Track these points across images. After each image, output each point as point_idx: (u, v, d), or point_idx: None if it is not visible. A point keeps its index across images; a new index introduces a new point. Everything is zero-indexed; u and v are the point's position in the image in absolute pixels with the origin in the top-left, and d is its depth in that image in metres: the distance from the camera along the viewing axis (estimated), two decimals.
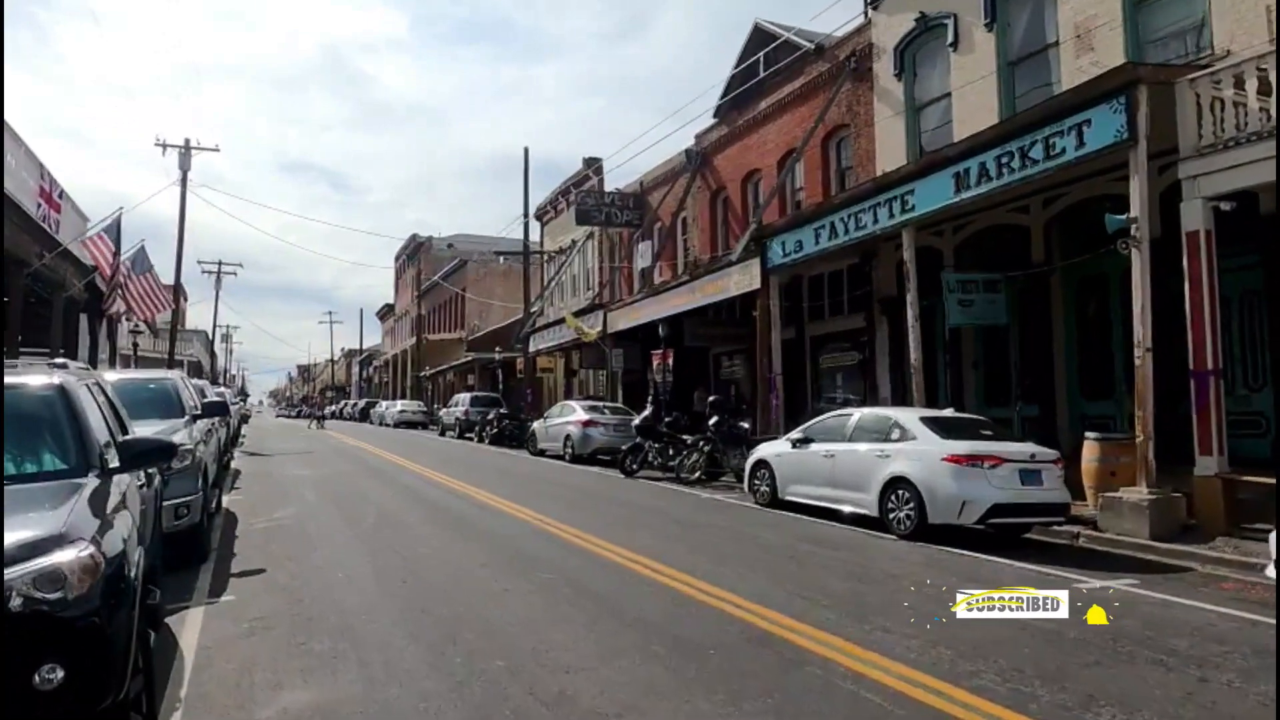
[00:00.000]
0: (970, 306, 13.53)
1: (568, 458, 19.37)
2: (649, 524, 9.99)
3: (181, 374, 9.95)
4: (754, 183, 22.88)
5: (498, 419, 26.65)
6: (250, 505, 11.78)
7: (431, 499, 12.55)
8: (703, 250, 24.74)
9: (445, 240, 63.47)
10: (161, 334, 48.55)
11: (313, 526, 9.86)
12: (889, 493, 9.25)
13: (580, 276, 34.12)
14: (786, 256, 15.71)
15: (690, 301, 19.22)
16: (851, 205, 13.90)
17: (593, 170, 32.72)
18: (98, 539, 3.02)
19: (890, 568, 7.57)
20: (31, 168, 14.48)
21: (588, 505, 11.81)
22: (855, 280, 18.53)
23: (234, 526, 9.93)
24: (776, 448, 11.57)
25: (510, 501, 11.84)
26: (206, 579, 7.18)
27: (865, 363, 18.31)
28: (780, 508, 11.20)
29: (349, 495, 12.98)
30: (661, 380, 20.81)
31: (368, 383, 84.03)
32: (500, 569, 7.35)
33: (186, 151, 33.15)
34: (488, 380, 42.24)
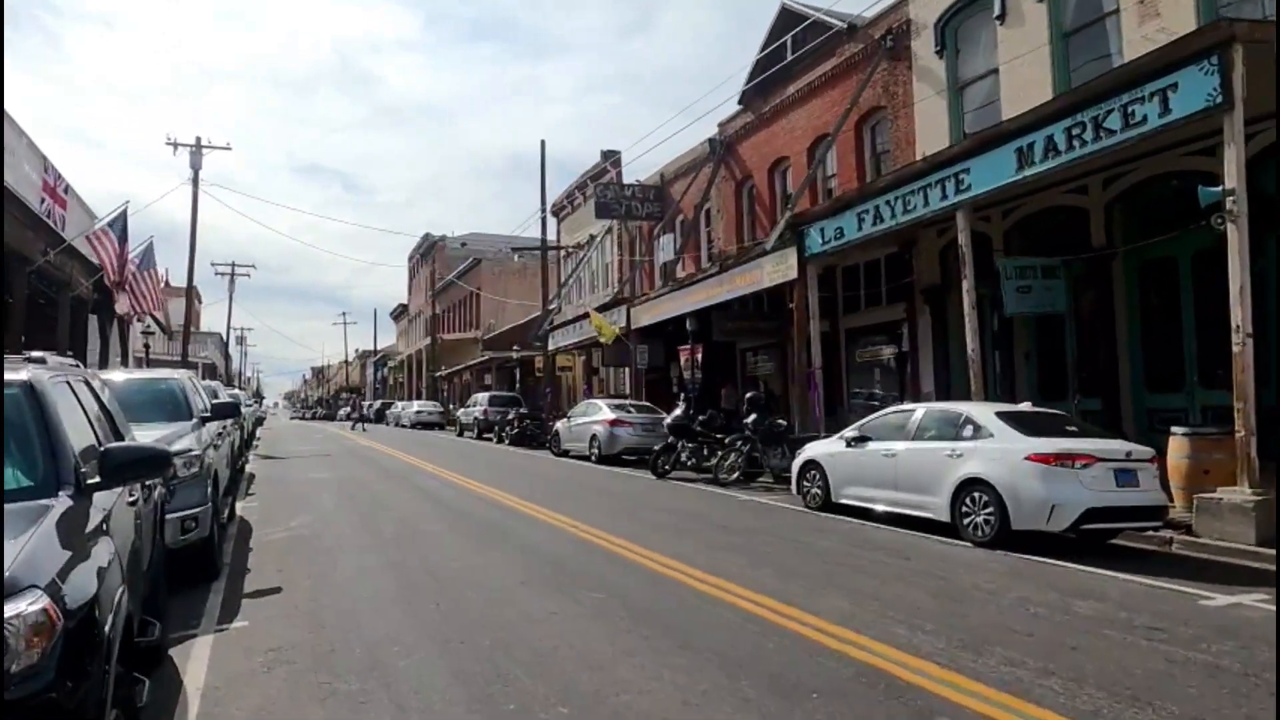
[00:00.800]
0: (1028, 294, 12.65)
1: (594, 458, 18.59)
2: (696, 531, 9.19)
3: (190, 374, 9.22)
4: (782, 171, 22.02)
5: (518, 419, 25.92)
6: (265, 513, 11.08)
7: (455, 504, 11.80)
8: (728, 242, 23.91)
9: (459, 239, 62.91)
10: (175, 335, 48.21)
11: (331, 537, 9.12)
12: (962, 496, 8.41)
13: (599, 272, 33.35)
14: (826, 244, 14.85)
15: (720, 294, 18.39)
16: (899, 187, 13.04)
17: (610, 163, 31.93)
18: (58, 584, 2.25)
19: (977, 580, 6.74)
20: (35, 161, 13.83)
21: (624, 510, 11.03)
22: (893, 270, 17.66)
23: (248, 537, 9.21)
24: (828, 447, 10.74)
25: (540, 506, 11.07)
26: (217, 601, 6.43)
27: (904, 356, 17.44)
28: (833, 511, 10.38)
29: (368, 501, 12.26)
30: (690, 377, 19.99)
31: (382, 383, 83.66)
32: (542, 587, 6.57)
33: (198, 150, 32.70)
34: (504, 379, 41.56)
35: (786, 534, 8.97)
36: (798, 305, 15.67)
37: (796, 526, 9.49)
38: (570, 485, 14.39)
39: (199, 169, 32.79)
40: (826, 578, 6.73)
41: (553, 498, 12.20)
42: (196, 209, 31.95)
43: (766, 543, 8.40)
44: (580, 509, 10.91)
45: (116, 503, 3.55)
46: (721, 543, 8.41)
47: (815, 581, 6.60)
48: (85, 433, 3.74)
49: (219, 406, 8.07)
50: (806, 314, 15.49)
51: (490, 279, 53.38)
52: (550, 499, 11.99)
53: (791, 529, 9.31)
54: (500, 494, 12.58)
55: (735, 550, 7.96)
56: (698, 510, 10.94)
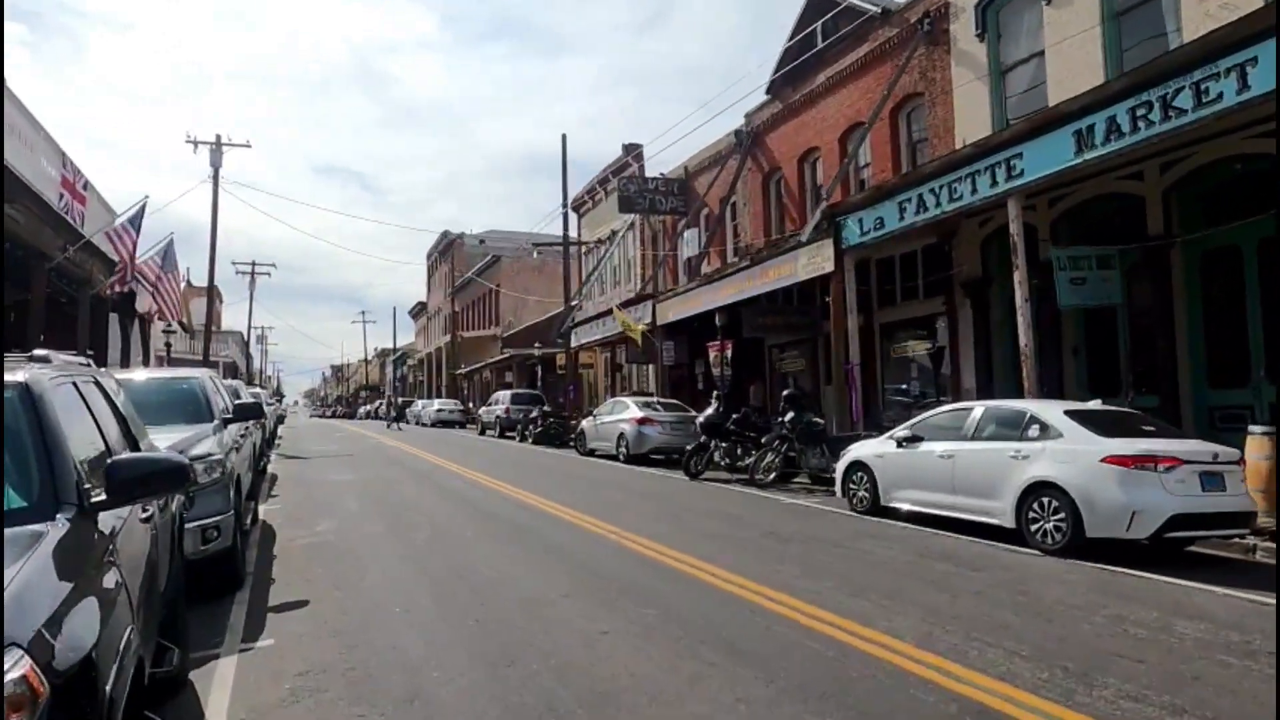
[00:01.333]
0: (1081, 285, 12.03)
1: (622, 458, 18.12)
2: (743, 538, 8.68)
3: (212, 373, 8.82)
4: (812, 162, 21.42)
5: (541, 417, 25.49)
6: (289, 516, 10.70)
7: (485, 506, 11.36)
8: (755, 235, 23.34)
9: (477, 236, 62.64)
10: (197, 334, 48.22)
11: (359, 542, 8.70)
12: (1029, 500, 7.86)
13: (621, 268, 32.87)
14: (865, 235, 14.28)
15: (751, 288, 17.85)
16: (944, 174, 12.45)
17: (632, 156, 31.41)
18: (46, 638, 1.80)
19: (1059, 595, 6.19)
20: (53, 156, 13.52)
21: (662, 513, 10.54)
22: (932, 262, 17.05)
23: (272, 543, 8.82)
24: (876, 447, 10.20)
25: (572, 509, 10.61)
26: (241, 614, 6.02)
27: (942, 351, 16.84)
28: (882, 515, 9.84)
29: (395, 503, 11.85)
30: (720, 374, 19.46)
31: (401, 382, 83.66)
32: (588, 600, 6.09)
33: (218, 148, 32.50)
34: (525, 377, 41.20)
35: (840, 541, 8.44)
36: (834, 299, 15.11)
37: (848, 532, 8.96)
38: (601, 486, 13.92)
39: (219, 166, 32.58)
40: (896, 592, 6.20)
41: (585, 500, 11.74)
42: (217, 206, 31.75)
43: (821, 551, 7.88)
44: (615, 512, 10.43)
45: (127, 521, 3.10)
46: (773, 551, 7.90)
47: (885, 596, 6.08)
48: (92, 441, 3.30)
49: (241, 407, 7.66)
50: (844, 308, 14.93)
51: (509, 276, 53.06)
52: (582, 501, 11.53)
53: (844, 535, 8.78)
54: (529, 496, 12.14)
55: (789, 560, 7.45)
56: (739, 514, 10.44)
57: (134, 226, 14.77)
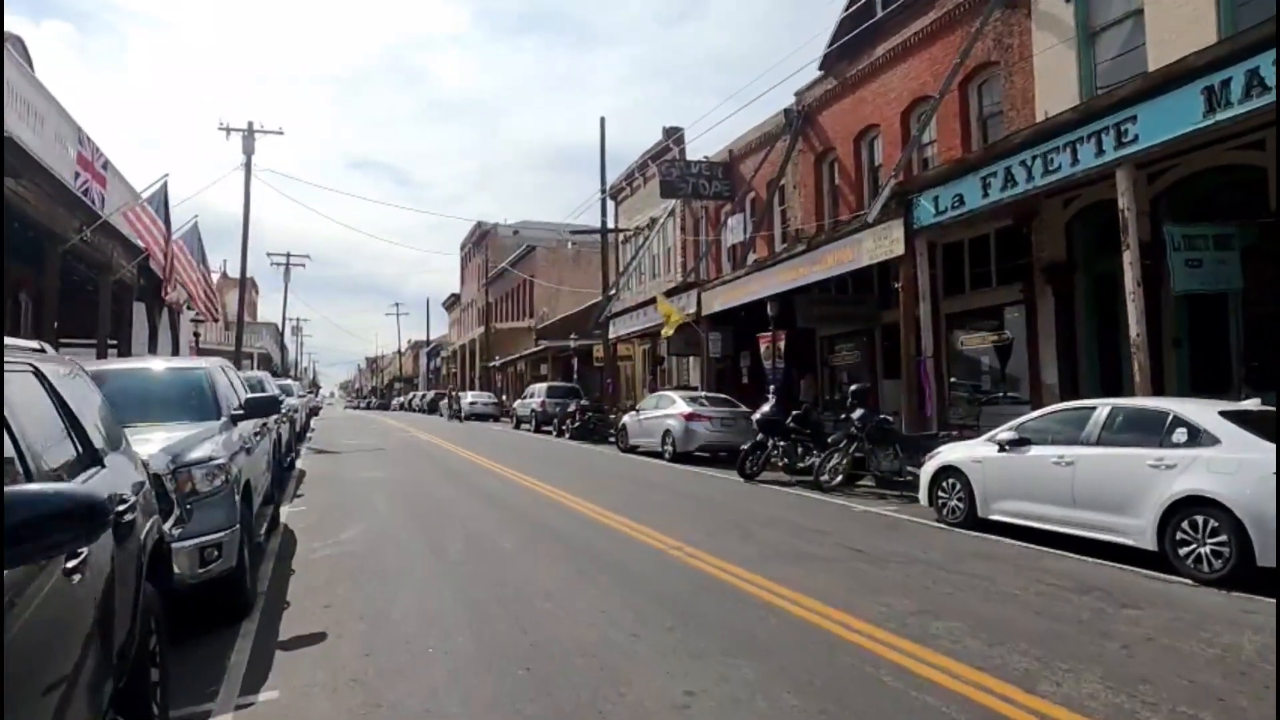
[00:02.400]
0: (1198, 268, 10.61)
1: (667, 456, 16.99)
2: (826, 557, 7.51)
3: (224, 362, 7.83)
4: (870, 140, 20.06)
5: (579, 411, 24.45)
6: (314, 520, 9.73)
7: (527, 511, 10.31)
8: (806, 220, 22.03)
9: (511, 227, 61.92)
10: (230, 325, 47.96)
11: (388, 555, 7.68)
12: (1176, 519, 6.59)
13: (660, 256, 31.70)
14: (941, 214, 12.96)
15: (807, 275, 16.59)
16: (1038, 144, 11.09)
17: (673, 140, 30.19)
18: None
19: (1257, 646, 4.93)
20: (67, 131, 12.69)
21: (723, 522, 9.40)
22: (1007, 246, 15.66)
23: (291, 554, 7.83)
24: (972, 450, 8.94)
25: (622, 516, 9.51)
26: (245, 649, 5.00)
27: (1015, 344, 15.47)
28: (979, 528, 8.59)
29: (428, 507, 10.84)
30: (771, 367, 18.24)
31: (435, 374, 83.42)
32: (663, 645, 4.97)
33: (250, 134, 31.91)
34: (560, 369, 40.25)
35: (943, 562, 7.23)
36: (904, 285, 13.82)
37: (949, 551, 7.73)
38: (649, 489, 12.82)
39: (251, 153, 32.05)
40: (1048, 639, 4.97)
41: (634, 505, 10.64)
42: (249, 193, 31.21)
43: (926, 576, 6.67)
44: (671, 520, 9.32)
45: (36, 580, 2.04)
46: (869, 576, 6.71)
47: (1037, 645, 4.86)
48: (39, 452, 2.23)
49: (254, 402, 6.66)
50: (915, 295, 13.64)
51: (544, 267, 52.15)
52: (632, 506, 10.43)
53: (945, 554, 7.56)
54: (574, 499, 11.07)
55: (893, 588, 6.26)
56: (813, 525, 9.25)
57: (157, 209, 13.94)
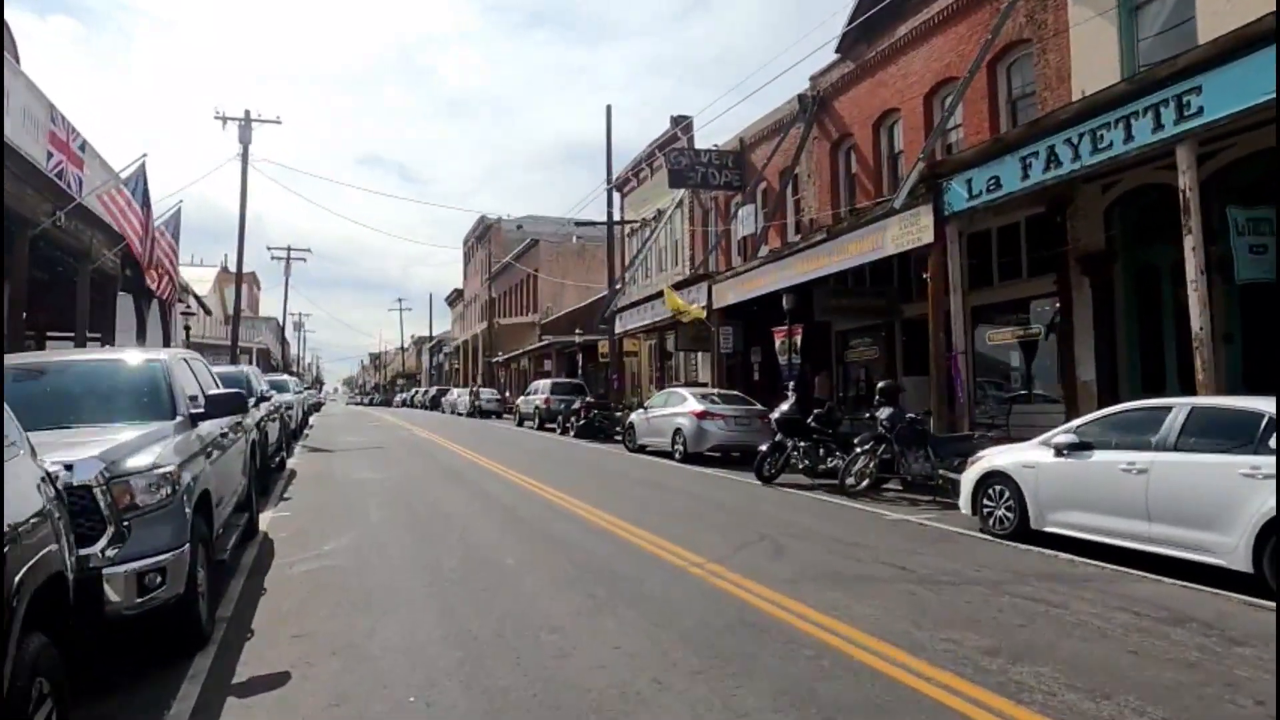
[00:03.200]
0: (1263, 255, 9.73)
1: (678, 456, 16.13)
2: (870, 577, 6.64)
3: (187, 353, 6.96)
4: (889, 126, 19.16)
5: (585, 408, 23.60)
6: (298, 527, 8.90)
7: (531, 519, 9.46)
8: (821, 209, 21.15)
9: (515, 221, 61.09)
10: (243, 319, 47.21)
11: (375, 572, 6.85)
12: (1276, 537, 5.71)
13: (668, 249, 30.83)
14: (975, 198, 12.07)
15: (826, 266, 15.70)
16: (1086, 119, 10.19)
17: (681, 129, 29.29)
18: None
19: None
20: (39, 107, 11.85)
21: (748, 533, 8.54)
22: (1038, 235, 14.77)
23: (266, 568, 7.01)
24: (1024, 455, 8.06)
25: (638, 527, 8.66)
26: (190, 698, 4.16)
27: (1050, 338, 14.59)
28: (1032, 541, 7.72)
29: (424, 513, 10.00)
30: (788, 363, 17.36)
31: (438, 370, 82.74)
32: (696, 694, 4.11)
33: (247, 124, 31.15)
34: (565, 365, 39.43)
35: (1002, 583, 6.36)
36: (933, 276, 12.94)
37: (1006, 569, 6.86)
38: (663, 493, 11.97)
39: (248, 143, 31.31)
40: (1171, 695, 4.06)
41: (649, 513, 9.80)
42: (245, 184, 30.47)
43: (989, 603, 5.80)
44: (692, 531, 8.47)
45: None
46: (928, 603, 5.84)
47: (1156, 702, 3.96)
48: None
49: (217, 400, 5.80)
50: (946, 286, 12.77)
51: (548, 261, 51.34)
52: (647, 515, 9.59)
53: (1002, 574, 6.69)
54: (581, 505, 10.22)
55: (959, 619, 5.39)
56: (847, 536, 8.38)
57: (136, 195, 13.10)
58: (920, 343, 18.15)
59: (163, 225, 15.00)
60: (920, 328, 18.19)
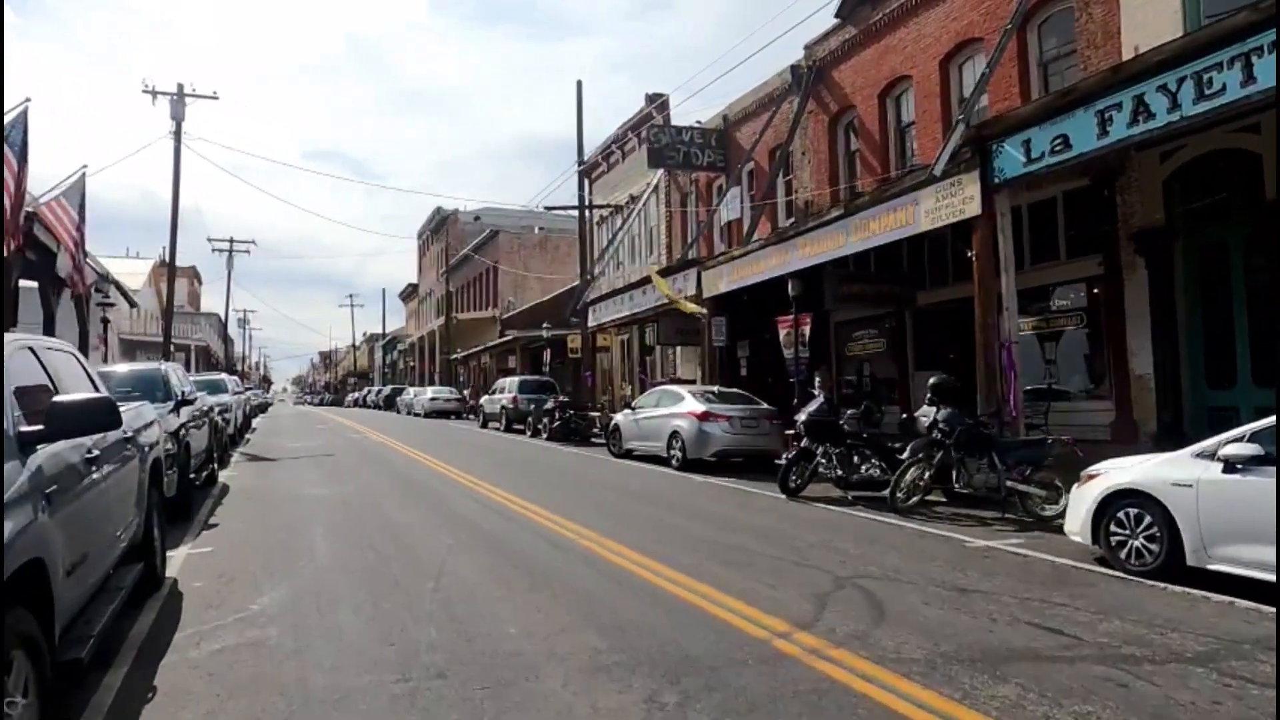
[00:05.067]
0: None
1: (675, 463, 14.17)
2: (1027, 652, 4.77)
3: (33, 339, 4.80)
4: (898, 96, 17.46)
5: (559, 408, 21.51)
6: (217, 573, 6.75)
7: (531, 560, 7.43)
8: (819, 189, 19.40)
9: (472, 213, 58.56)
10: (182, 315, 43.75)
11: (319, 654, 4.78)
12: None
13: (642, 237, 28.87)
14: (1034, 162, 10.34)
15: (843, 246, 13.88)
16: (1192, 60, 8.48)
17: (656, 108, 27.36)
18: None
19: None
20: None
21: (822, 580, 6.63)
22: (1081, 210, 13.19)
23: (164, 644, 4.90)
24: (1171, 469, 6.27)
25: (676, 571, 6.70)
26: None
27: (1099, 325, 13.02)
28: (1191, 582, 5.95)
29: (386, 548, 7.89)
30: (794, 356, 15.53)
31: (391, 368, 79.65)
32: None
33: (180, 99, 28.41)
34: (529, 362, 37.24)
35: (1220, 661, 4.54)
36: (981, 254, 11.20)
37: (1205, 632, 5.02)
38: (677, 513, 10.03)
39: (181, 119, 28.57)
40: None
41: (675, 544, 7.85)
42: (179, 165, 27.78)
43: (1218, 693, 3.98)
44: (747, 577, 6.54)
45: None
46: (1138, 702, 4.00)
47: None
48: None
49: (65, 411, 3.71)
50: (996, 266, 11.04)
51: (508, 254, 49.01)
52: (674, 548, 7.65)
53: (1208, 643, 4.84)
54: (588, 535, 8.23)
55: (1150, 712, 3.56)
56: (948, 578, 6.50)
57: (13, 146, 10.69)
58: (934, 334, 16.51)
59: (62, 197, 12.60)
60: (934, 317, 16.55)
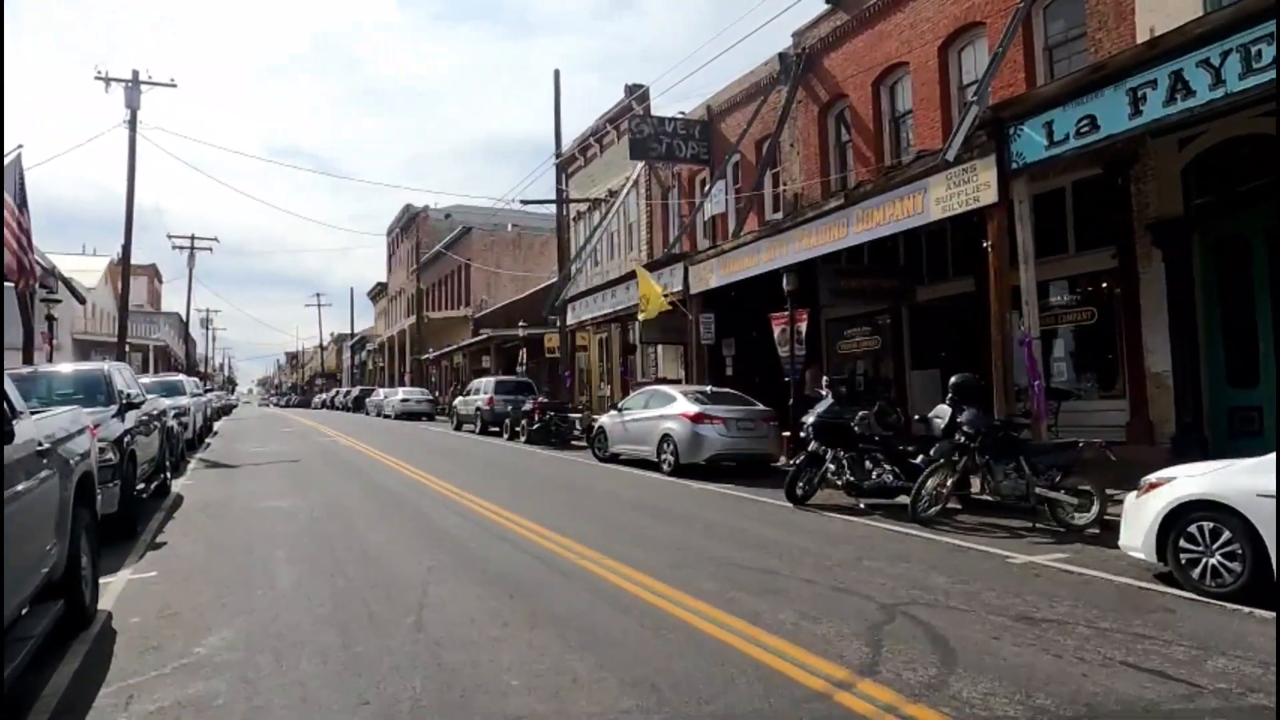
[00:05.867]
0: None
1: (667, 468, 13.33)
2: (1161, 707, 4.02)
3: None
4: (893, 85, 16.81)
5: (539, 410, 20.57)
6: (159, 607, 5.78)
7: (522, 583, 6.55)
8: (808, 180, 18.71)
9: (443, 210, 57.30)
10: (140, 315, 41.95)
11: (274, 713, 3.88)
12: None
13: (621, 233, 28.01)
14: (1057, 145, 9.66)
15: (843, 238, 13.14)
16: (1238, 31, 7.82)
17: (635, 99, 26.50)
18: None
19: None
20: None
21: (869, 612, 5.82)
22: (1091, 202, 12.61)
23: (89, 697, 3.96)
24: (1255, 477, 5.56)
25: (699, 600, 5.88)
26: None
27: (1112, 321, 12.43)
28: (1271, 604, 5.24)
29: (358, 575, 6.95)
30: (790, 355, 14.78)
31: (360, 368, 77.95)
32: None
33: (135, 85, 27.03)
34: (504, 361, 36.20)
35: None
36: (996, 244, 10.53)
37: None
38: (678, 525, 9.20)
39: (136, 108, 27.22)
40: None
41: (677, 559, 7.03)
42: (134, 157, 26.45)
43: None
44: (778, 605, 5.73)
45: None
46: None
47: None
48: None
49: None
50: (1014, 256, 10.37)
51: (481, 251, 47.92)
52: (677, 564, 6.82)
53: None
54: (589, 555, 7.37)
55: None
56: (1006, 604, 5.75)
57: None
58: (934, 331, 15.88)
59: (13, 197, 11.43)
60: (933, 314, 15.91)
